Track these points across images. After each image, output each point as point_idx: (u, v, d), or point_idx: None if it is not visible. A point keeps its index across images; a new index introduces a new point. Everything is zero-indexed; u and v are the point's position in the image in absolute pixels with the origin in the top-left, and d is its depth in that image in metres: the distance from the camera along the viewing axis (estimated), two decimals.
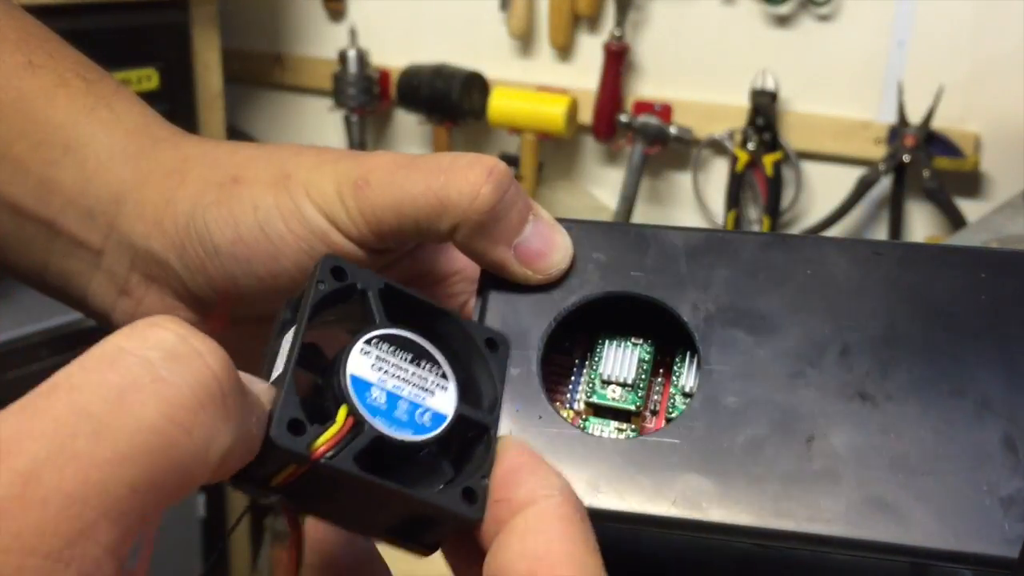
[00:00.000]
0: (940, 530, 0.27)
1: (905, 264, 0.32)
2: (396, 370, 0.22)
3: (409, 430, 0.22)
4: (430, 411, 0.22)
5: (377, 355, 0.22)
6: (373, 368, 0.22)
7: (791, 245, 0.33)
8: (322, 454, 0.21)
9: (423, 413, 0.22)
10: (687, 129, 1.57)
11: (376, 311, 0.23)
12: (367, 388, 0.22)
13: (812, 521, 0.27)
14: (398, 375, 0.22)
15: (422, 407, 0.22)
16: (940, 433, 0.29)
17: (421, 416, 0.22)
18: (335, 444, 0.21)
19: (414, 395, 0.22)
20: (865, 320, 0.31)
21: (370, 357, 0.22)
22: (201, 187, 0.34)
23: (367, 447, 0.21)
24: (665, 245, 0.33)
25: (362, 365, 0.22)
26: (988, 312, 0.31)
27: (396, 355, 0.23)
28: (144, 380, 0.17)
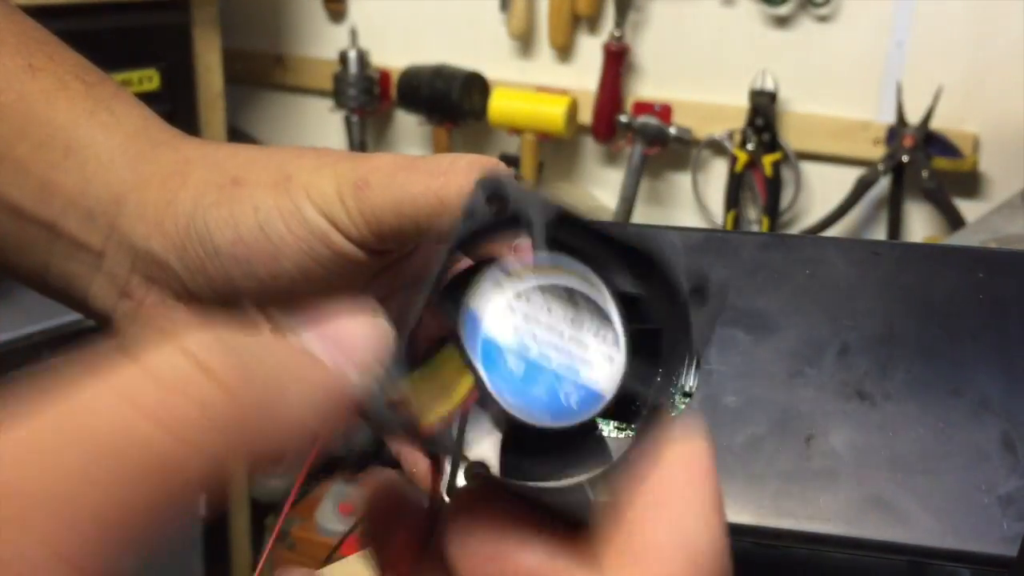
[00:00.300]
0: (939, 529, 0.27)
1: (904, 264, 0.32)
2: (546, 328, 0.17)
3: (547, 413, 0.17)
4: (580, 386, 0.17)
5: (525, 313, 0.17)
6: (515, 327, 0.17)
7: (790, 245, 0.33)
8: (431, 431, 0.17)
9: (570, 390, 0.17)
10: (687, 129, 1.57)
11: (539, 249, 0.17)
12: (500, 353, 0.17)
13: (811, 519, 0.28)
14: (547, 335, 0.17)
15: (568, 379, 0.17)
16: (938, 432, 0.29)
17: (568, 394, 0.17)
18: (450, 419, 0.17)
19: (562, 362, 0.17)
20: (864, 320, 0.31)
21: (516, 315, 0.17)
22: (201, 189, 0.35)
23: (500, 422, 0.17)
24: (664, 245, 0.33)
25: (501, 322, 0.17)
26: (987, 311, 0.31)
27: (552, 310, 0.17)
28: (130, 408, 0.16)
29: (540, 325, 0.17)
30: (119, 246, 0.36)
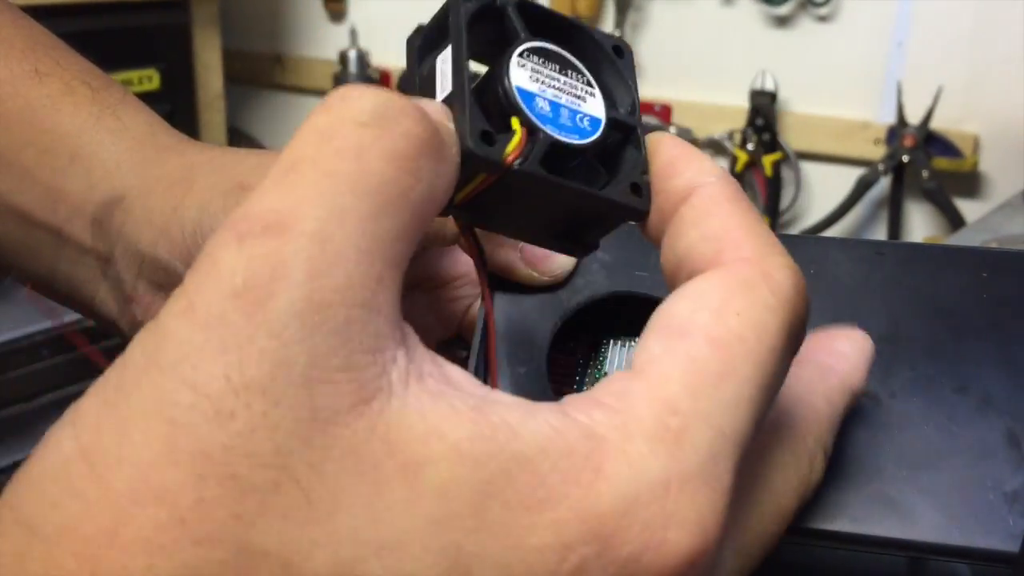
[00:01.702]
0: (944, 525, 0.27)
1: (907, 264, 0.32)
2: (551, 80, 0.23)
3: (576, 135, 0.22)
4: (588, 116, 0.23)
5: (532, 67, 0.22)
6: (531, 79, 0.22)
7: (794, 245, 0.33)
8: (513, 160, 0.21)
9: (582, 118, 0.23)
10: (687, 129, 1.57)
11: (519, 26, 0.23)
12: (532, 98, 0.22)
13: (817, 517, 0.28)
14: (554, 84, 0.22)
15: (580, 112, 0.23)
16: (943, 430, 0.29)
17: (581, 121, 0.22)
18: (521, 151, 0.21)
19: (571, 102, 0.23)
20: (868, 319, 0.31)
21: (526, 69, 0.22)
22: (208, 195, 0.35)
23: (547, 152, 0.21)
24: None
25: (522, 77, 0.22)
26: (990, 311, 0.31)
27: (547, 66, 0.23)
28: (367, 140, 0.18)
29: (544, 75, 0.23)
30: (125, 252, 0.36)
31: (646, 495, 0.18)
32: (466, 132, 0.21)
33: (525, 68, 0.22)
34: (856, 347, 0.26)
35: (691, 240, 0.21)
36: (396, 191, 0.18)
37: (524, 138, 0.21)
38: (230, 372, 0.15)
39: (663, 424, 0.18)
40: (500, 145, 0.21)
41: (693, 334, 0.20)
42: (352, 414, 0.16)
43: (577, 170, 0.23)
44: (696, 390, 0.19)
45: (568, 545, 0.17)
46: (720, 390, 0.19)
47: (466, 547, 0.16)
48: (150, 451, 0.15)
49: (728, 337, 0.20)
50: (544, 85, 0.22)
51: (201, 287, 0.17)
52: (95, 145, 0.37)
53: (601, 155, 0.23)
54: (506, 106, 0.22)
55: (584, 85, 0.23)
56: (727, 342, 0.19)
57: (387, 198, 0.18)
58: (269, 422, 0.15)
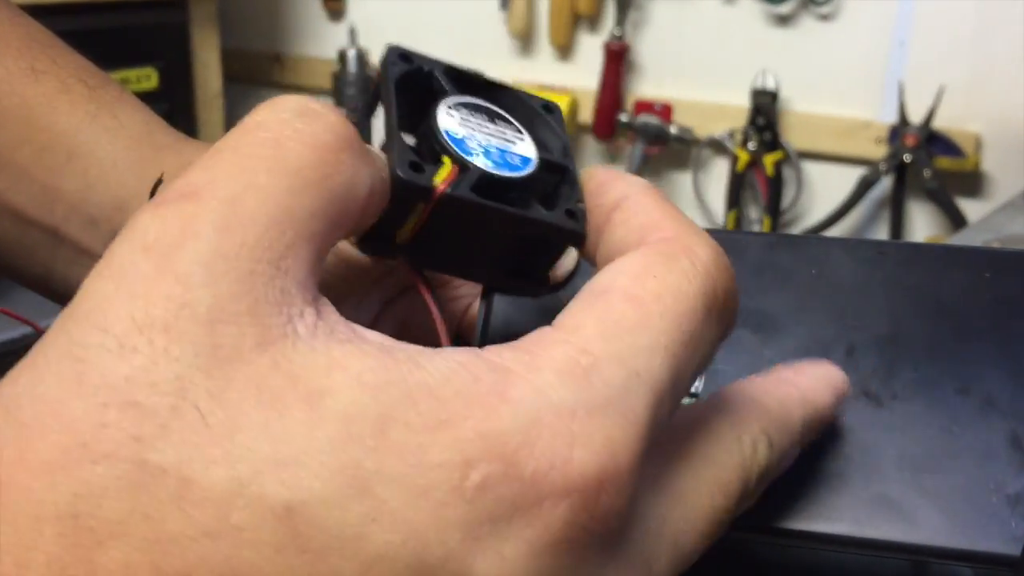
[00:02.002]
0: (947, 528, 0.27)
1: (910, 264, 0.32)
2: (480, 127, 0.24)
3: (507, 169, 0.23)
4: (519, 155, 0.24)
5: (460, 117, 0.24)
6: (460, 125, 0.24)
7: (796, 245, 0.33)
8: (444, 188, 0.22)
9: (513, 157, 0.24)
10: (687, 129, 1.57)
11: (447, 85, 0.25)
12: (462, 141, 0.23)
13: (818, 520, 0.27)
14: (483, 130, 0.24)
15: (511, 152, 0.24)
16: (946, 431, 0.29)
17: (512, 159, 0.24)
18: (451, 180, 0.22)
19: (501, 144, 0.24)
20: (870, 320, 0.31)
21: (455, 118, 0.24)
22: None
23: (478, 181, 0.23)
24: None
25: (451, 123, 0.24)
26: (993, 311, 0.31)
27: (475, 116, 0.24)
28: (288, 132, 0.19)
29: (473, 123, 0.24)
30: None
31: (551, 417, 0.18)
32: (395, 162, 0.22)
33: (454, 117, 0.24)
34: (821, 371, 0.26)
35: (619, 235, 0.22)
36: (314, 175, 0.19)
37: (454, 170, 0.22)
38: (135, 313, 0.16)
39: (573, 361, 0.19)
40: (429, 173, 0.22)
41: (611, 292, 0.20)
42: (255, 351, 0.17)
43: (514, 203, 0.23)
44: (609, 335, 0.19)
45: (469, 462, 0.17)
46: (634, 336, 0.19)
47: (366, 464, 0.16)
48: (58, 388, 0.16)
49: (645, 295, 0.20)
50: (473, 130, 0.24)
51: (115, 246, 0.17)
52: (92, 144, 0.37)
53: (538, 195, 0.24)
54: (437, 147, 0.23)
55: (514, 132, 0.25)
56: (643, 299, 0.20)
57: (305, 179, 0.18)
58: (170, 355, 0.16)
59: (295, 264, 0.18)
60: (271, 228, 0.18)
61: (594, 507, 0.18)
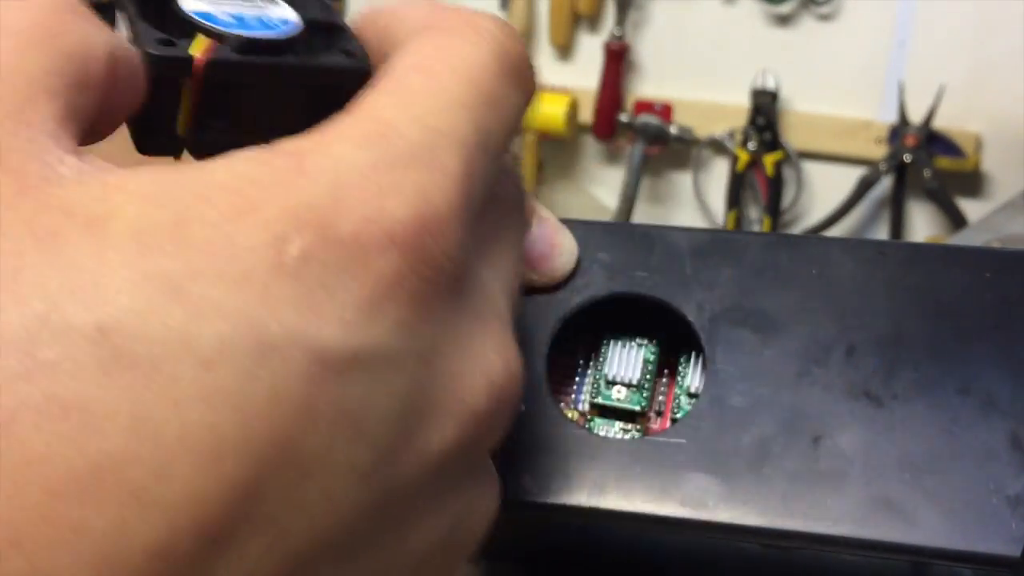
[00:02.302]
0: (947, 529, 0.27)
1: (910, 264, 0.32)
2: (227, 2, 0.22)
3: (266, 30, 0.21)
4: (278, 19, 0.22)
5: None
6: (204, 3, 0.21)
7: (796, 245, 0.33)
8: (204, 58, 0.20)
9: (272, 20, 0.22)
10: (687, 129, 1.57)
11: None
12: (209, 15, 0.21)
13: (819, 521, 0.27)
14: (231, 4, 0.22)
15: (268, 17, 0.22)
16: (946, 432, 0.29)
17: (271, 22, 0.21)
18: (211, 49, 0.20)
19: (255, 12, 0.22)
20: (871, 320, 0.31)
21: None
22: None
23: (239, 47, 0.20)
24: (669, 245, 0.33)
25: (193, 3, 0.21)
26: (994, 311, 0.31)
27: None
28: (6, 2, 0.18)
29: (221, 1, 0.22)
30: None
31: (353, 177, 0.17)
32: (143, 41, 0.20)
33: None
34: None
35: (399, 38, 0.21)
36: (38, 34, 0.18)
37: (211, 43, 0.20)
38: None
39: (368, 128, 0.18)
40: (183, 47, 0.20)
41: (397, 69, 0.19)
42: (16, 198, 0.16)
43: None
44: (403, 103, 0.19)
45: (282, 237, 0.16)
46: (429, 99, 0.19)
47: (171, 268, 0.15)
48: None
49: (434, 64, 0.19)
50: (219, 6, 0.21)
51: None
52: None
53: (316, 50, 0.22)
54: (186, 28, 0.21)
55: (266, 1, 0.22)
56: (433, 67, 0.19)
57: (28, 39, 0.18)
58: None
59: (40, 117, 0.17)
60: (3, 83, 0.17)
61: (420, 250, 0.17)
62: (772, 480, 0.28)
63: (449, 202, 0.18)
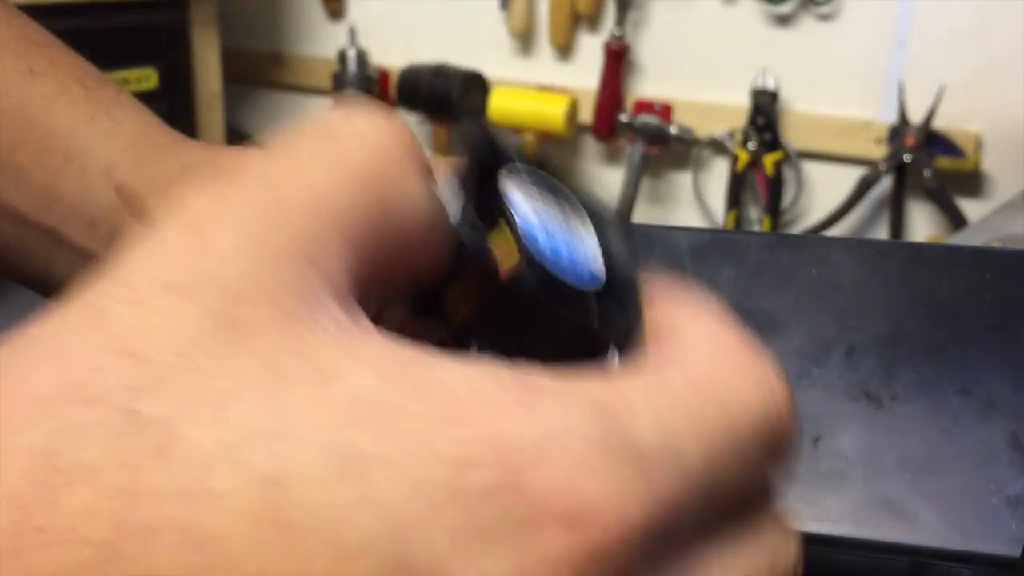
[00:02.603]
0: (947, 530, 0.27)
1: (910, 264, 0.32)
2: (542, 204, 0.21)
3: (573, 279, 0.21)
4: (585, 262, 0.21)
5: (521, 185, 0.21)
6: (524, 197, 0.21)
7: (795, 245, 0.33)
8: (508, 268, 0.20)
9: (578, 263, 0.21)
10: (687, 129, 1.57)
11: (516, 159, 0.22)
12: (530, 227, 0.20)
13: (820, 521, 0.27)
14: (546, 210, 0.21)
15: (575, 256, 0.21)
16: (946, 433, 0.29)
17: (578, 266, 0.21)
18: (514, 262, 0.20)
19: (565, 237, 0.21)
20: (870, 320, 0.31)
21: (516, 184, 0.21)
22: None
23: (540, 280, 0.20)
24: (669, 245, 0.33)
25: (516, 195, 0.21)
26: (993, 311, 0.31)
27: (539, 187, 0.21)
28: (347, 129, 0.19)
29: (535, 197, 0.21)
30: None
31: (574, 443, 0.16)
32: (460, 218, 0.20)
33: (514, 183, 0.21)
34: None
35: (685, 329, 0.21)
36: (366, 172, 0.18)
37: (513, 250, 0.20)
38: (160, 275, 0.16)
39: (613, 403, 0.17)
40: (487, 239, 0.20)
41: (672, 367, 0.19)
42: (270, 329, 0.16)
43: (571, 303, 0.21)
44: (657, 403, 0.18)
45: (476, 463, 0.16)
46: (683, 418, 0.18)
47: (364, 447, 0.15)
48: (66, 330, 0.16)
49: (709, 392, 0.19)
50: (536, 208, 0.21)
51: (157, 220, 0.17)
52: (89, 146, 0.37)
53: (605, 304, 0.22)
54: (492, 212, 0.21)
55: (578, 217, 0.22)
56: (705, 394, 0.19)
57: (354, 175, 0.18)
58: (184, 317, 0.16)
59: (328, 257, 0.17)
60: (308, 217, 0.17)
61: (592, 537, 0.16)
62: None
63: (644, 516, 0.17)
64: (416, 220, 0.19)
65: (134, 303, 0.16)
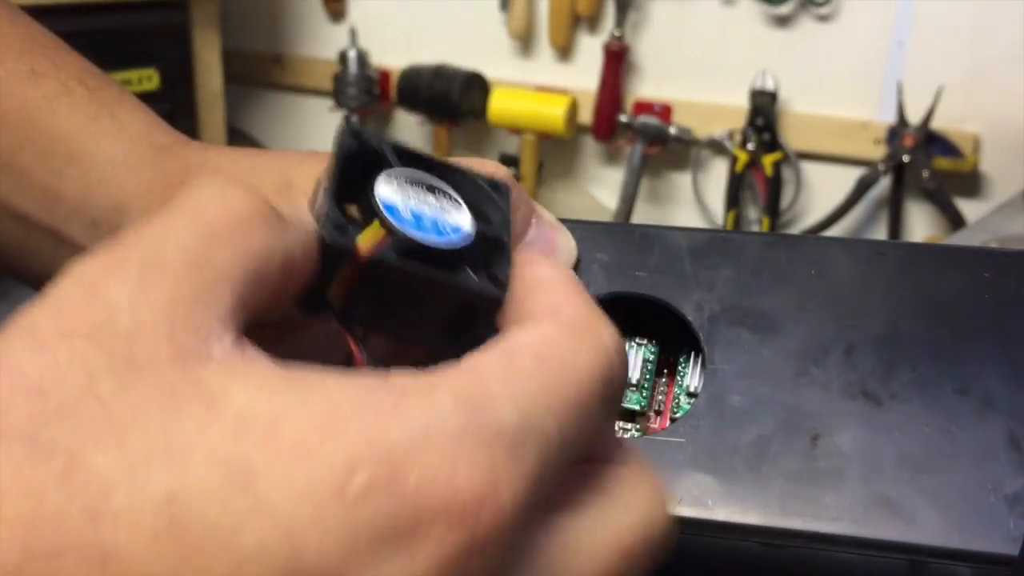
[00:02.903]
0: (945, 528, 0.27)
1: (908, 264, 0.32)
2: (416, 196, 0.25)
3: (436, 235, 0.24)
4: (452, 225, 0.25)
5: (398, 184, 0.25)
6: (396, 193, 0.25)
7: (794, 245, 0.33)
8: (370, 251, 0.23)
9: (446, 226, 0.25)
10: (687, 129, 1.57)
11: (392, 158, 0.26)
12: (394, 208, 0.24)
13: (818, 520, 0.27)
14: (418, 199, 0.25)
15: (444, 221, 0.25)
16: (944, 431, 0.29)
17: (444, 228, 0.24)
18: (377, 245, 0.23)
19: (436, 214, 0.25)
20: (869, 319, 0.31)
21: (392, 186, 0.25)
22: None
23: (404, 248, 0.23)
24: (668, 245, 0.33)
25: (387, 191, 0.24)
26: (991, 311, 0.31)
27: (414, 187, 0.25)
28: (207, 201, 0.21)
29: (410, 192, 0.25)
30: None
31: (440, 436, 0.18)
32: (321, 223, 0.23)
33: (392, 185, 0.24)
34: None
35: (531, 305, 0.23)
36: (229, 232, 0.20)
37: (382, 235, 0.23)
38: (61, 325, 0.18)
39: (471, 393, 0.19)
40: (353, 235, 0.23)
41: (519, 347, 0.21)
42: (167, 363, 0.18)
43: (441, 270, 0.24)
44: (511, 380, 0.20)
45: (354, 464, 0.17)
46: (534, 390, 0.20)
47: (252, 460, 0.17)
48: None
49: (550, 358, 0.21)
50: (408, 199, 0.24)
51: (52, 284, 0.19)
52: (92, 146, 0.37)
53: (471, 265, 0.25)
54: (368, 212, 0.24)
55: (451, 203, 0.25)
56: (549, 361, 0.21)
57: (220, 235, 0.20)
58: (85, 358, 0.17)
59: (214, 302, 0.19)
60: (190, 269, 0.19)
61: (474, 528, 0.18)
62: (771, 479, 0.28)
63: (515, 489, 0.18)
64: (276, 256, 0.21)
65: (38, 349, 0.17)
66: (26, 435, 0.16)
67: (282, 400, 0.18)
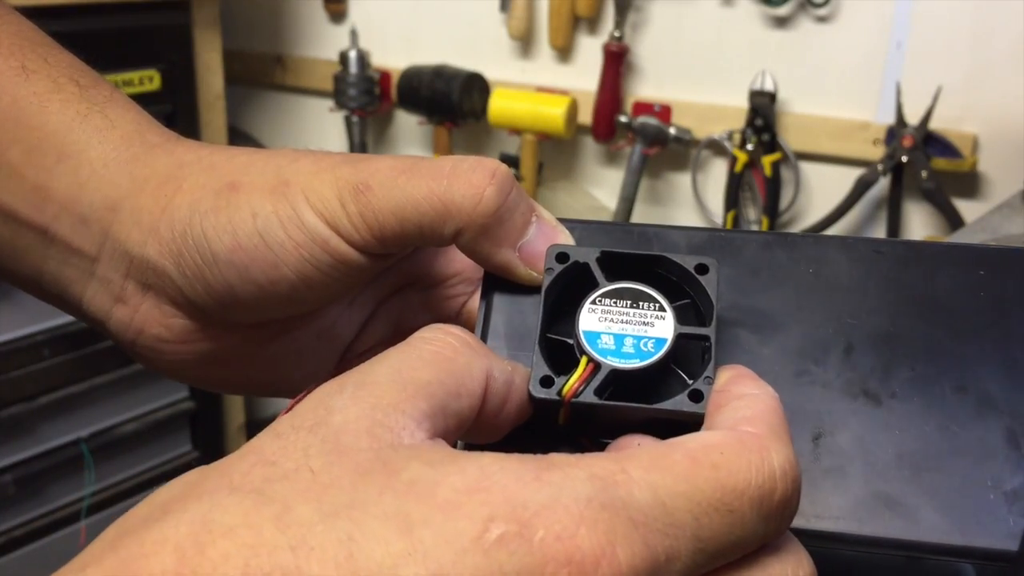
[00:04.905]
0: (946, 525, 0.27)
1: (907, 262, 0.32)
2: (619, 316, 0.28)
3: (637, 359, 0.28)
4: (652, 339, 0.28)
5: (602, 309, 0.28)
6: (599, 320, 0.28)
7: (793, 244, 0.33)
8: (571, 395, 0.27)
9: (647, 343, 0.28)
10: (686, 130, 1.57)
11: (597, 275, 0.29)
12: (597, 337, 0.28)
13: (820, 518, 0.28)
14: (621, 319, 0.28)
15: (645, 338, 0.28)
16: (944, 429, 0.29)
17: (645, 345, 0.28)
18: (580, 385, 0.27)
19: (637, 331, 0.28)
20: (868, 318, 0.31)
21: (596, 313, 0.28)
22: (198, 194, 0.34)
23: (605, 380, 0.27)
24: (668, 245, 0.33)
25: (590, 321, 0.28)
26: (989, 309, 0.31)
27: (617, 305, 0.28)
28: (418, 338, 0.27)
29: (613, 313, 0.28)
30: (113, 252, 0.35)
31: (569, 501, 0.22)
32: (530, 379, 0.28)
33: (595, 312, 0.28)
34: None
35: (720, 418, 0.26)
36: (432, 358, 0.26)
37: (587, 373, 0.27)
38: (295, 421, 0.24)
39: (611, 472, 0.23)
40: (559, 384, 0.27)
41: (676, 445, 0.24)
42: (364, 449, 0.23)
43: (649, 384, 0.28)
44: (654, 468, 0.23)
45: (493, 518, 0.21)
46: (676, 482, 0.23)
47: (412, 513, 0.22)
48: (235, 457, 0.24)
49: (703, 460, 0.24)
50: (611, 322, 0.28)
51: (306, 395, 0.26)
52: (83, 144, 0.36)
53: (681, 362, 0.29)
54: (576, 348, 0.28)
55: (655, 311, 0.28)
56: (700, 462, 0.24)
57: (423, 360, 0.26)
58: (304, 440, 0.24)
59: (410, 407, 0.24)
60: (393, 384, 0.25)
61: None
62: None
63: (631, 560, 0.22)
64: (475, 376, 0.26)
65: (275, 436, 0.24)
66: (256, 489, 0.22)
67: (445, 469, 0.22)
